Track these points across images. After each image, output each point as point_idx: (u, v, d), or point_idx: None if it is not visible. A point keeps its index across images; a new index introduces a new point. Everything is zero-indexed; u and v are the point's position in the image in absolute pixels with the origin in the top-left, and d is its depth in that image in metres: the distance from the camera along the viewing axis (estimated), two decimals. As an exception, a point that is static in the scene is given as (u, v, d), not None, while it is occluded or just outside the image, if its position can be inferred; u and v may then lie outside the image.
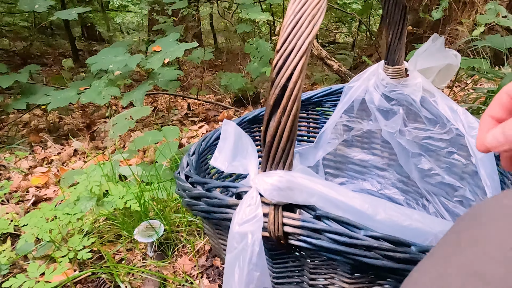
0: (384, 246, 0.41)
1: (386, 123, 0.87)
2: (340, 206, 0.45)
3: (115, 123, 1.41)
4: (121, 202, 0.88)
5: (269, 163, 0.45)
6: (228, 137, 0.56)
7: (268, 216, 0.46)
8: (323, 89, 0.96)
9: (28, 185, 1.41)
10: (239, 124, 0.80)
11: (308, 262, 0.52)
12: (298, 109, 0.43)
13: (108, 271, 0.82)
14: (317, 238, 0.44)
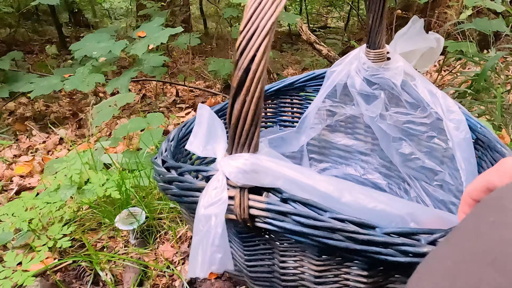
0: (348, 228, 0.41)
1: (367, 107, 0.86)
2: (306, 188, 0.46)
3: (99, 110, 1.39)
4: (101, 189, 0.87)
5: (234, 146, 0.45)
6: (203, 121, 0.55)
7: (234, 199, 0.46)
8: (306, 74, 0.95)
9: (11, 174, 1.40)
10: (222, 108, 0.79)
11: (278, 244, 0.52)
12: (262, 91, 0.42)
13: (87, 259, 0.82)
14: (282, 220, 0.44)
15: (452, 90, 1.53)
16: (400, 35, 0.78)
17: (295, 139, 0.93)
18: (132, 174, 1.02)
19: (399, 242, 0.41)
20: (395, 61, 0.81)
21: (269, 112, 0.96)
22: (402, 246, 0.41)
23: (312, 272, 0.52)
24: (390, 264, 0.43)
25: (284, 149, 0.94)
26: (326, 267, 0.49)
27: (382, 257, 0.41)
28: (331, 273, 0.50)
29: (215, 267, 0.46)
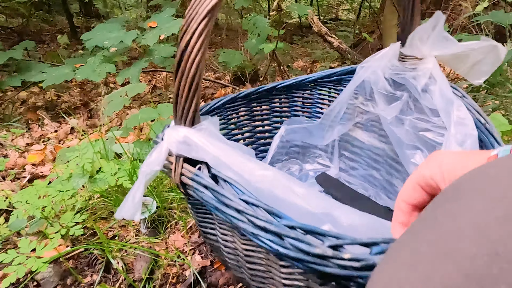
0: (250, 210, 0.43)
1: (385, 108, 0.82)
2: (229, 168, 0.50)
3: (110, 100, 1.39)
4: (113, 179, 0.88)
5: (176, 119, 0.52)
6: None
7: (172, 165, 0.52)
8: (345, 68, 0.92)
9: (24, 162, 1.41)
10: (231, 100, 0.81)
11: (216, 217, 0.56)
12: (198, 72, 0.48)
13: (100, 247, 0.83)
14: (202, 192, 0.48)
15: (466, 84, 1.51)
16: (424, 31, 0.72)
17: (320, 131, 0.91)
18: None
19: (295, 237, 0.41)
20: (424, 63, 0.75)
21: (306, 102, 0.95)
22: (299, 242, 0.41)
23: (242, 250, 0.55)
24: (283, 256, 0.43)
25: (311, 140, 0.93)
26: (250, 247, 0.53)
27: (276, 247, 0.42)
28: (255, 253, 0.54)
29: (128, 214, 0.53)
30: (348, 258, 0.40)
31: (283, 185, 0.49)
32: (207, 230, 0.65)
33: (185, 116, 0.52)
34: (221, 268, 0.82)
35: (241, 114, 0.89)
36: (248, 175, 0.49)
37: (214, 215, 0.58)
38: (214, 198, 0.47)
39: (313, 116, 0.95)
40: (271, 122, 0.94)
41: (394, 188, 0.91)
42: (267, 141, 0.96)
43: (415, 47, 0.73)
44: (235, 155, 0.51)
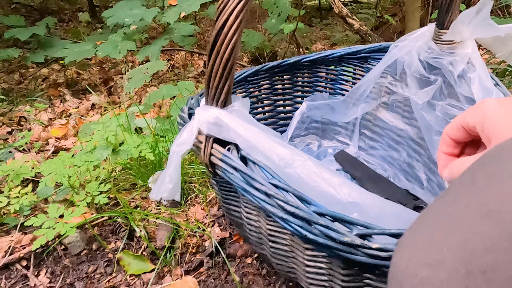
0: (280, 195, 0.44)
1: (417, 92, 0.80)
2: (259, 152, 0.50)
3: (131, 77, 1.41)
4: (136, 151, 0.90)
5: (208, 99, 0.52)
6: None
7: (202, 144, 0.53)
8: (372, 45, 0.91)
9: (48, 136, 1.45)
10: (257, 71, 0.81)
11: (242, 196, 0.57)
12: (233, 52, 0.47)
13: (124, 215, 0.85)
14: (231, 173, 0.49)
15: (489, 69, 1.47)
16: (467, 15, 0.69)
17: (344, 108, 0.90)
18: (164, 139, 1.04)
19: (324, 224, 0.42)
20: (463, 47, 0.73)
21: (330, 78, 0.95)
22: (327, 229, 0.42)
23: (266, 230, 0.56)
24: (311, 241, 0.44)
25: (333, 117, 0.93)
26: (275, 228, 0.54)
27: (305, 232, 0.43)
28: (279, 234, 0.54)
29: (165, 194, 0.54)
30: (376, 248, 0.41)
31: (313, 172, 0.49)
32: (230, 207, 0.66)
33: (217, 97, 0.51)
34: (240, 241, 0.83)
35: (263, 88, 0.89)
36: (279, 159, 0.49)
37: (240, 194, 0.59)
38: (243, 180, 0.48)
39: (336, 93, 0.95)
40: (292, 97, 0.94)
41: (414, 171, 0.91)
42: (287, 116, 0.96)
43: (455, 31, 0.71)
44: (266, 139, 0.51)
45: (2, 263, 0.76)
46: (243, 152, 0.51)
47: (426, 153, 0.88)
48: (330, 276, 0.54)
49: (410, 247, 0.26)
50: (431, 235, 0.25)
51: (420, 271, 0.24)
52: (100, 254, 0.80)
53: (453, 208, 0.25)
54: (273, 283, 0.74)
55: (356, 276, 0.51)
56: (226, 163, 0.51)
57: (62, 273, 0.76)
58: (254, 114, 0.92)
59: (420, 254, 0.25)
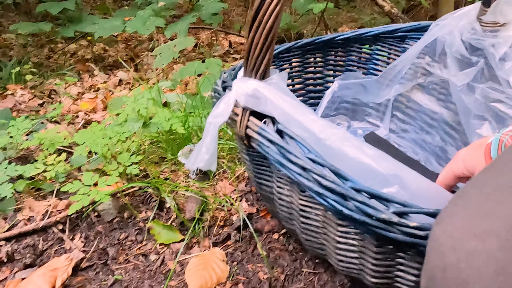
0: (317, 170, 0.44)
1: (456, 73, 0.78)
2: (298, 125, 0.49)
3: (160, 53, 1.42)
4: (167, 124, 0.91)
5: (247, 70, 0.51)
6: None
7: (238, 116, 0.53)
8: (410, 24, 0.88)
9: (77, 109, 1.48)
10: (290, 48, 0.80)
11: (275, 170, 0.57)
12: (274, 24, 0.46)
13: (155, 185, 0.87)
14: (267, 146, 0.49)
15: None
16: None
17: (377, 89, 0.89)
18: (193, 114, 1.05)
19: (361, 200, 0.42)
20: (508, 29, 0.71)
21: (363, 58, 0.93)
22: (364, 205, 0.41)
23: (298, 205, 0.56)
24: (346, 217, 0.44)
25: (364, 97, 0.91)
26: (308, 203, 0.53)
27: (341, 208, 0.43)
28: (312, 209, 0.54)
29: (202, 164, 0.55)
30: (413, 226, 0.41)
31: (354, 145, 0.49)
32: (262, 182, 0.66)
33: (256, 68, 0.51)
34: (267, 217, 0.84)
35: (294, 65, 0.88)
36: (319, 132, 0.49)
37: (273, 168, 0.59)
38: (279, 154, 0.48)
39: (369, 73, 0.93)
40: (323, 76, 0.93)
41: (447, 155, 0.89)
42: (317, 95, 0.95)
43: (499, 12, 0.69)
44: (306, 112, 0.51)
45: (40, 226, 0.79)
46: (280, 125, 0.51)
47: (460, 138, 0.86)
48: (361, 253, 0.54)
49: (454, 218, 0.25)
50: (478, 206, 0.25)
51: (466, 242, 0.23)
52: (132, 223, 0.82)
53: (502, 180, 0.25)
54: (300, 259, 0.75)
55: (388, 254, 0.51)
56: (262, 136, 0.51)
57: (96, 239, 0.79)
58: (285, 91, 0.91)
59: (466, 225, 0.24)
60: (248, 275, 0.72)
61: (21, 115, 1.36)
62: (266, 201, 0.72)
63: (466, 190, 0.28)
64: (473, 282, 0.21)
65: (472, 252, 0.22)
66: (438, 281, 0.24)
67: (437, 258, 0.24)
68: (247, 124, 0.53)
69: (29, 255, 0.74)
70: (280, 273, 0.72)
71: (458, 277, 0.22)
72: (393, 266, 0.52)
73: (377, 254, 0.51)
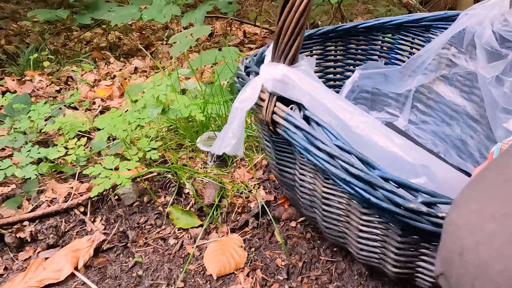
0: (345, 157, 0.43)
1: (485, 65, 0.76)
2: (327, 111, 0.49)
3: (176, 41, 1.42)
4: (186, 110, 0.91)
5: (276, 55, 0.50)
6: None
7: (264, 102, 0.53)
8: (436, 13, 0.86)
9: (94, 96, 1.49)
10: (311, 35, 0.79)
11: (299, 157, 0.56)
12: (307, 7, 0.46)
13: (174, 170, 0.88)
14: (294, 132, 0.48)
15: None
16: None
17: (398, 79, 0.88)
18: (213, 101, 1.05)
19: (389, 189, 0.41)
20: None
21: (385, 47, 0.92)
22: (392, 194, 0.41)
23: (320, 192, 0.56)
24: (373, 205, 0.43)
25: (385, 87, 0.90)
26: (331, 191, 0.53)
27: (368, 196, 0.43)
28: (335, 197, 0.54)
29: (228, 149, 0.55)
30: (442, 216, 0.41)
31: (383, 134, 0.48)
32: (284, 168, 0.66)
33: (286, 53, 0.50)
34: (285, 204, 0.84)
35: (315, 53, 0.87)
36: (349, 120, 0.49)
37: (296, 155, 0.59)
38: (306, 140, 0.48)
39: (391, 62, 0.92)
40: (344, 64, 0.93)
41: (468, 148, 0.88)
42: (337, 84, 0.95)
43: None
44: (335, 99, 0.50)
45: (62, 208, 0.80)
46: (307, 112, 0.50)
47: (483, 130, 0.85)
48: (384, 242, 0.54)
49: (472, 202, 0.25)
50: (496, 190, 0.24)
51: (485, 225, 0.23)
52: (151, 207, 0.83)
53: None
54: (318, 247, 0.75)
55: (412, 244, 0.51)
56: (289, 122, 0.51)
57: (116, 222, 0.80)
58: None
59: (485, 208, 0.24)
60: (266, 261, 0.72)
61: (39, 101, 1.38)
62: (286, 189, 0.72)
63: (483, 174, 0.27)
64: (493, 262, 0.21)
65: (492, 235, 0.22)
66: (456, 264, 0.23)
67: (454, 241, 0.24)
68: (274, 110, 0.53)
69: (52, 236, 0.75)
70: (298, 261, 0.72)
71: (477, 259, 0.22)
72: (416, 256, 0.52)
73: (401, 243, 0.51)
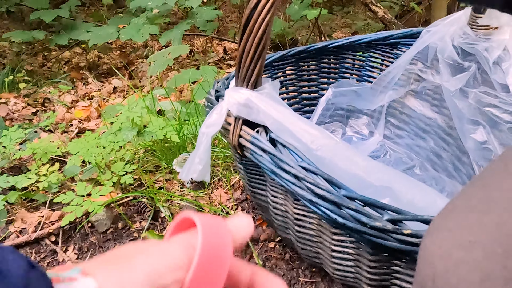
0: (310, 178, 0.43)
1: (449, 79, 0.78)
2: (290, 134, 0.49)
3: (154, 60, 1.41)
4: (161, 133, 0.91)
5: (239, 80, 0.51)
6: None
7: (231, 126, 0.53)
8: (402, 30, 0.88)
9: (71, 117, 1.47)
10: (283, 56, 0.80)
11: (269, 179, 0.57)
12: (265, 33, 0.46)
13: (149, 195, 0.86)
14: (260, 155, 0.49)
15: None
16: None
17: (371, 95, 0.89)
18: (188, 122, 1.04)
19: (354, 208, 0.41)
20: (500, 33, 0.71)
21: (357, 65, 0.93)
22: (358, 214, 0.41)
23: (292, 214, 0.56)
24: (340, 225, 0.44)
25: (358, 104, 0.91)
26: (302, 212, 0.53)
27: (334, 216, 0.43)
28: (306, 218, 0.54)
29: (195, 175, 0.55)
30: (408, 234, 0.41)
31: (345, 156, 0.49)
32: (256, 191, 0.66)
33: (248, 78, 0.51)
34: (263, 225, 0.84)
35: (289, 73, 0.88)
36: (310, 142, 0.49)
37: (267, 177, 0.59)
38: (272, 163, 0.48)
39: (363, 79, 0.93)
40: (318, 83, 0.93)
41: (442, 160, 0.89)
42: (312, 103, 0.95)
43: (492, 15, 0.69)
44: (297, 121, 0.51)
45: (32, 238, 0.78)
46: (273, 134, 0.50)
47: (454, 142, 0.87)
48: (357, 261, 0.53)
49: (443, 229, 0.26)
50: (464, 218, 0.25)
51: (454, 252, 0.24)
52: (126, 233, 0.82)
53: (487, 192, 0.26)
54: (296, 268, 0.74)
55: (384, 262, 0.51)
56: (255, 145, 0.51)
57: (89, 250, 0.78)
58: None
59: (454, 236, 0.25)
60: (244, 285, 0.71)
61: (14, 124, 1.35)
62: (261, 210, 0.71)
63: (454, 202, 0.29)
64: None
65: (460, 262, 0.23)
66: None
67: (427, 267, 0.25)
68: (240, 133, 0.53)
69: (21, 268, 0.72)
70: (277, 283, 0.71)
71: (447, 285, 0.23)
72: (389, 274, 0.52)
73: (373, 262, 0.51)
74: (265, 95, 0.52)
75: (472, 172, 0.81)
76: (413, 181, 0.53)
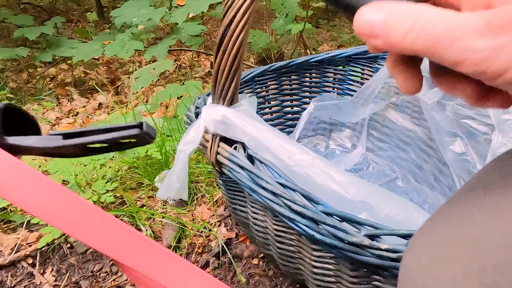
0: (287, 195, 0.43)
1: (426, 91, 0.79)
2: (266, 150, 0.49)
3: (139, 76, 1.41)
4: (142, 150, 0.90)
5: (215, 97, 0.51)
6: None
7: (208, 143, 0.53)
8: None
9: (55, 134, 1.45)
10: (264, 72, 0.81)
11: (248, 196, 0.57)
12: (240, 49, 0.46)
13: (130, 213, 0.85)
14: (237, 172, 0.48)
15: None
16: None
17: (352, 108, 0.89)
18: (171, 138, 1.04)
19: (332, 224, 0.41)
20: None
21: (338, 79, 0.94)
22: (335, 229, 0.41)
23: (272, 230, 0.55)
24: (318, 241, 0.43)
25: (340, 117, 0.92)
26: (282, 228, 0.53)
27: (312, 232, 0.43)
28: (286, 234, 0.54)
29: (173, 193, 0.54)
30: (385, 249, 0.41)
31: (322, 171, 0.49)
32: (237, 207, 0.65)
33: (224, 95, 0.51)
34: (246, 241, 0.83)
35: (270, 88, 0.88)
36: (287, 159, 0.49)
37: (246, 193, 0.59)
38: (250, 179, 0.48)
39: (344, 93, 0.94)
40: (300, 98, 0.94)
41: (423, 172, 0.89)
42: (294, 117, 0.96)
43: None
44: (274, 137, 0.51)
45: (8, 261, 0.76)
46: (250, 151, 0.50)
47: (435, 154, 0.87)
48: (337, 277, 0.53)
49: (422, 245, 0.26)
50: (443, 234, 0.26)
51: (433, 267, 0.24)
52: (106, 253, 0.80)
53: (465, 208, 0.26)
54: (280, 285, 0.73)
55: (364, 277, 0.50)
56: (232, 162, 0.50)
57: (68, 272, 0.76)
58: (261, 114, 0.91)
59: (433, 252, 0.25)
60: (227, 304, 0.70)
61: (-5, 143, 1.33)
62: (243, 226, 0.70)
63: (434, 218, 0.29)
64: None
65: (438, 277, 0.24)
66: None
67: (407, 283, 0.26)
68: (218, 150, 0.53)
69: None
70: (260, 301, 0.70)
71: None
72: (371, 289, 0.51)
73: (353, 277, 0.51)
74: (241, 112, 0.52)
75: (453, 183, 0.81)
76: (391, 195, 0.53)
